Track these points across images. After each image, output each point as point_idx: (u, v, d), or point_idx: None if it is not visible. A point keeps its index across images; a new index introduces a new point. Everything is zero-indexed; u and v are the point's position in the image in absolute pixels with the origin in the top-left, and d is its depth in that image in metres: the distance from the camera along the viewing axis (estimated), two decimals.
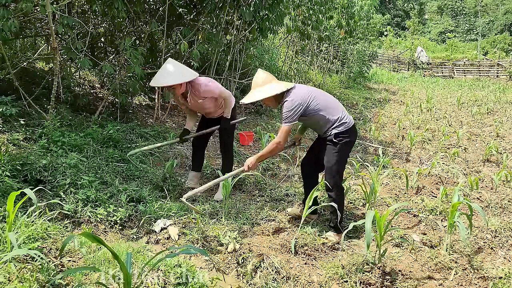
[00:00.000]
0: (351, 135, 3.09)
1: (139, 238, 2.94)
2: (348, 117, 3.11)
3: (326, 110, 3.03)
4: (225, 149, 3.95)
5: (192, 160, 4.13)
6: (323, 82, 13.07)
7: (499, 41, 34.67)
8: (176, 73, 3.38)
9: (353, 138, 3.14)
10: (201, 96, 3.55)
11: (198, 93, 3.52)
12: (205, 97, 3.56)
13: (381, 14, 24.53)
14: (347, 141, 3.06)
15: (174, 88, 3.46)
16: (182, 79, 3.39)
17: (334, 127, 3.04)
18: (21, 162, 3.26)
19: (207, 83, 3.52)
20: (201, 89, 3.49)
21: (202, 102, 3.62)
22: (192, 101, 3.60)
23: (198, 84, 3.49)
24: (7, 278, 2.07)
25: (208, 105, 3.68)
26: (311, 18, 9.01)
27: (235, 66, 7.05)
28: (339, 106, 3.15)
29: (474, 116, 9.81)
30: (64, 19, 4.24)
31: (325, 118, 3.03)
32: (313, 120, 3.07)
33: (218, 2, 5.80)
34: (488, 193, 4.38)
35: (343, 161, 3.14)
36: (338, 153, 3.05)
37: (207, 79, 3.62)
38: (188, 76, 3.44)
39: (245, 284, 2.51)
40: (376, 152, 6.17)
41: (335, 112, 3.06)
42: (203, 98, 3.58)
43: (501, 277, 2.70)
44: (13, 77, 4.35)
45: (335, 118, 3.04)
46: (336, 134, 3.02)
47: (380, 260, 2.74)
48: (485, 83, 20.30)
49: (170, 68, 3.40)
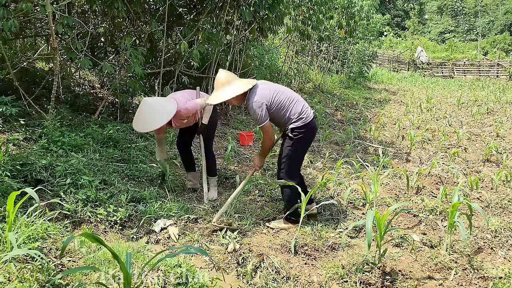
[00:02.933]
0: (307, 130, 3.14)
1: (139, 238, 2.94)
2: (307, 112, 3.16)
3: (286, 107, 3.11)
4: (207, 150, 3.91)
5: (183, 162, 4.10)
6: (323, 82, 13.08)
7: (499, 41, 34.66)
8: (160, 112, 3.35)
9: (310, 133, 3.20)
10: (184, 117, 3.60)
11: (181, 118, 3.58)
12: (189, 116, 3.62)
13: (381, 14, 24.55)
14: (302, 136, 3.13)
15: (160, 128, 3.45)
16: (168, 117, 3.35)
17: (292, 122, 3.12)
18: (21, 162, 3.26)
19: (185, 107, 3.49)
20: (182, 114, 3.51)
21: (186, 122, 3.70)
22: (177, 123, 3.65)
23: (178, 111, 3.45)
24: (7, 278, 2.07)
25: (191, 118, 3.72)
26: (311, 18, 9.01)
27: (235, 66, 7.05)
28: (299, 100, 3.21)
29: (474, 116, 9.80)
30: (64, 19, 4.24)
31: (285, 115, 3.12)
32: (274, 116, 3.15)
33: (218, 2, 5.80)
34: (488, 193, 4.38)
35: (297, 156, 3.23)
36: (291, 147, 3.14)
37: (181, 100, 3.53)
38: (171, 110, 3.39)
39: (245, 284, 2.51)
40: (376, 152, 6.18)
41: (295, 107, 3.14)
42: (187, 118, 3.64)
43: (501, 277, 2.70)
44: (13, 77, 4.35)
45: (294, 113, 3.12)
46: (292, 129, 3.11)
47: (380, 260, 2.74)
48: (485, 83, 20.29)
49: (152, 110, 3.36)
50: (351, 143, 6.58)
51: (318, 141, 6.80)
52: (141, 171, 4.07)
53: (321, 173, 4.81)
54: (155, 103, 3.42)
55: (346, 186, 4.19)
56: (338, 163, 4.71)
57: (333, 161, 5.55)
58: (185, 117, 3.60)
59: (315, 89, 12.44)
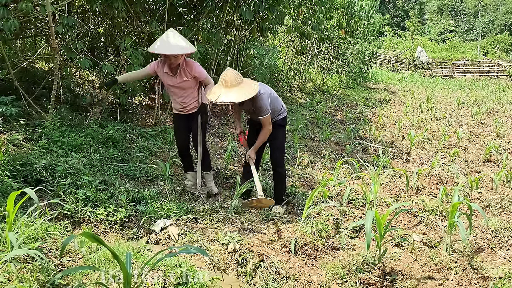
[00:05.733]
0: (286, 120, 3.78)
1: (139, 238, 2.94)
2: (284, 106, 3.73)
3: (277, 100, 3.61)
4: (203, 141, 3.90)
5: (182, 162, 4.09)
6: (323, 82, 13.08)
7: (499, 41, 34.64)
8: (185, 43, 3.52)
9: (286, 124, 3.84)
10: (191, 73, 3.60)
11: (190, 69, 3.59)
12: (194, 76, 3.62)
13: (381, 14, 24.54)
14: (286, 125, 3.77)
15: (179, 58, 3.50)
16: (191, 49, 3.52)
17: (281, 113, 3.64)
18: (21, 162, 3.25)
19: (200, 65, 3.67)
20: (194, 66, 3.61)
21: (186, 82, 3.63)
22: (179, 77, 3.60)
23: (192, 62, 3.63)
24: (7, 278, 2.07)
25: (188, 87, 3.68)
26: (311, 18, 9.01)
27: (235, 66, 7.05)
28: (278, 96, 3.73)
29: (474, 116, 9.81)
30: (64, 19, 4.24)
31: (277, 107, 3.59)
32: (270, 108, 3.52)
33: (218, 2, 5.80)
34: (488, 193, 4.38)
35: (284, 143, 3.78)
36: (280, 137, 3.67)
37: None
38: (192, 48, 3.57)
39: (245, 284, 2.51)
40: (376, 152, 6.18)
41: (280, 101, 3.67)
42: (192, 77, 3.62)
43: (501, 277, 2.70)
44: (13, 77, 4.35)
45: (281, 106, 3.65)
46: (282, 119, 3.65)
47: (380, 260, 2.73)
48: (485, 83, 20.30)
49: (178, 38, 3.51)
50: (351, 143, 6.58)
51: (318, 141, 6.80)
52: (141, 171, 4.07)
53: (321, 173, 4.81)
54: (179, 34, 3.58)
55: (346, 186, 4.19)
56: (338, 163, 4.72)
57: (333, 161, 5.55)
58: (192, 74, 3.60)
59: (315, 89, 12.44)
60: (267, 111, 3.38)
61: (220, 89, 3.19)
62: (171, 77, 3.61)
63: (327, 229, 3.28)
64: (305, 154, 5.65)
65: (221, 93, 3.16)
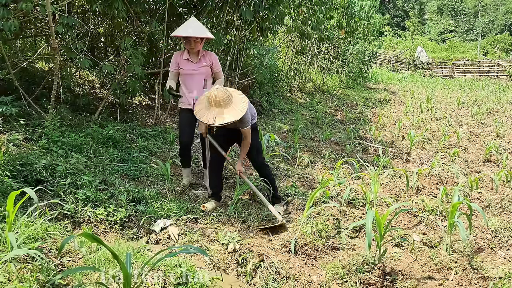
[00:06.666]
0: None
1: (139, 238, 2.94)
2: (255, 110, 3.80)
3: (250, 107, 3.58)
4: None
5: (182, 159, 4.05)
6: (323, 82, 13.09)
7: (499, 41, 34.65)
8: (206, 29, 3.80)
9: None
10: (211, 60, 3.83)
11: (210, 57, 3.84)
12: (212, 63, 3.84)
13: (381, 14, 24.55)
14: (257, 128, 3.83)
15: (199, 43, 3.70)
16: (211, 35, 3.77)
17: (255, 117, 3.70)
18: (21, 162, 3.25)
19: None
20: (213, 55, 3.88)
21: (206, 67, 3.82)
22: (199, 63, 3.78)
23: (210, 52, 3.90)
24: (7, 278, 2.07)
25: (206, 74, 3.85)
26: (311, 18, 9.01)
27: (235, 66, 7.06)
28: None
29: (474, 116, 9.80)
30: (64, 19, 4.24)
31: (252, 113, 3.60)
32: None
33: (218, 2, 5.81)
34: (488, 193, 4.38)
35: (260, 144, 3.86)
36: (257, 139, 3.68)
37: None
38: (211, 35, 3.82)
39: (245, 284, 2.51)
40: (376, 152, 6.18)
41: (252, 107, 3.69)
42: (210, 64, 3.83)
43: (501, 277, 2.70)
44: (13, 77, 4.35)
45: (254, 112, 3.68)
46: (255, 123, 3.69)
47: (380, 260, 2.74)
48: (485, 83, 20.29)
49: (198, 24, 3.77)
50: (351, 143, 6.58)
51: (318, 141, 6.80)
52: (141, 171, 4.07)
53: (321, 173, 4.81)
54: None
55: (346, 186, 4.19)
56: (338, 163, 4.72)
57: (333, 161, 5.55)
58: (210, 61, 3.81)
59: (315, 89, 12.44)
60: (249, 123, 3.41)
61: (212, 111, 3.09)
62: (191, 63, 3.79)
63: (327, 229, 3.28)
64: (305, 154, 5.65)
65: (215, 114, 3.09)
